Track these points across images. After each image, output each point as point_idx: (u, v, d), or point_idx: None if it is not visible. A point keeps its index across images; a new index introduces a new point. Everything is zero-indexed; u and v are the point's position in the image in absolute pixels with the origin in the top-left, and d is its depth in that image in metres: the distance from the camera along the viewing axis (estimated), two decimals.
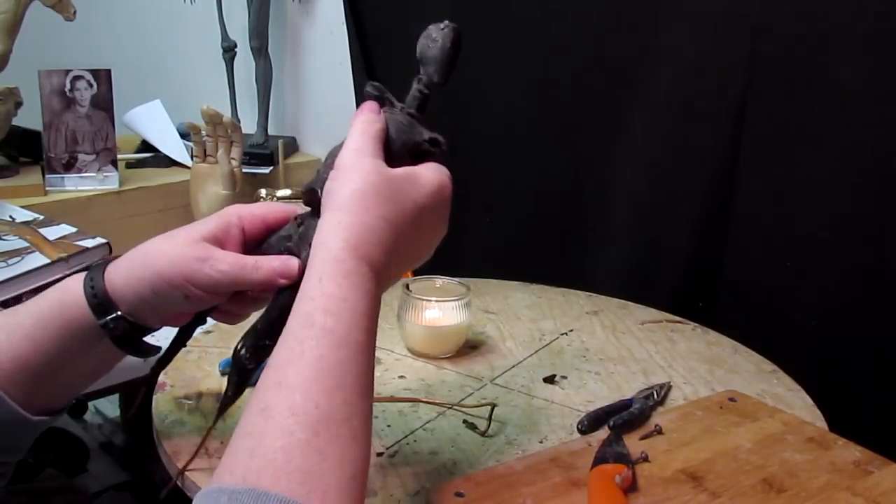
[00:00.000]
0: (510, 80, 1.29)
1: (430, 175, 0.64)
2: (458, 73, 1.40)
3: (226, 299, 0.67)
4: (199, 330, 0.93)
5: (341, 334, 0.53)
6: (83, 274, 0.66)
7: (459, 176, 1.38)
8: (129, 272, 0.65)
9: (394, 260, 0.60)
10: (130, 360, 0.99)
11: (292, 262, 0.63)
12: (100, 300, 0.64)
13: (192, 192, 1.38)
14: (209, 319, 0.70)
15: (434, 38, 0.70)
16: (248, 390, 0.59)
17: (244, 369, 0.63)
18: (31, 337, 0.64)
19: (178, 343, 0.71)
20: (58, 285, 0.67)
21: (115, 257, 0.68)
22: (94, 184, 1.39)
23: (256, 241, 0.67)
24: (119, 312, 0.64)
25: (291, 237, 0.66)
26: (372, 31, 1.50)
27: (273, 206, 0.70)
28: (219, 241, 0.65)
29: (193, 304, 0.65)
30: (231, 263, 0.63)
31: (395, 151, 0.67)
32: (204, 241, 0.64)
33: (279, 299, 0.64)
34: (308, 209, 0.66)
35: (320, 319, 0.53)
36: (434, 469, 0.70)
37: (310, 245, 0.60)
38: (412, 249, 0.63)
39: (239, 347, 0.63)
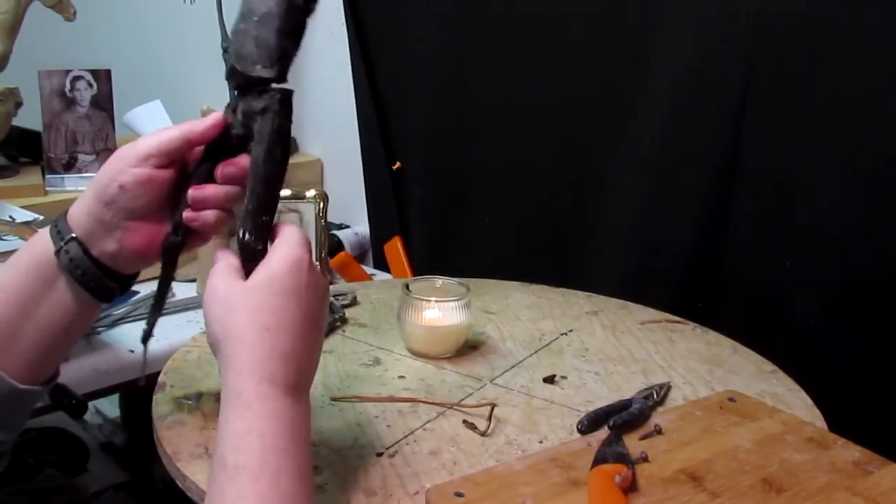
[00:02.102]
0: (510, 80, 1.30)
1: (280, 262, 0.61)
2: (457, 72, 1.40)
3: (165, 193, 0.66)
4: (199, 329, 0.93)
5: (255, 467, 0.54)
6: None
7: (459, 176, 1.38)
8: (82, 196, 0.66)
9: (298, 354, 0.59)
10: (130, 359, 1.00)
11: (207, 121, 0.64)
12: (59, 229, 0.65)
13: None
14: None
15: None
16: None
17: (254, 251, 0.62)
18: (1, 282, 0.66)
19: (164, 283, 0.71)
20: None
21: None
22: None
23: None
24: (72, 235, 0.65)
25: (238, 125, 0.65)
26: (372, 31, 1.50)
27: (204, 121, 0.67)
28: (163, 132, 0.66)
29: (136, 189, 0.64)
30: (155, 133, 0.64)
31: (287, 3, 0.64)
32: (147, 155, 0.64)
33: (256, 172, 0.64)
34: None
35: (231, 459, 0.54)
36: (434, 469, 0.70)
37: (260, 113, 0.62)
38: (310, 331, 0.61)
39: (242, 235, 0.62)
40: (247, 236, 0.62)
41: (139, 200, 0.65)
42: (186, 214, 0.66)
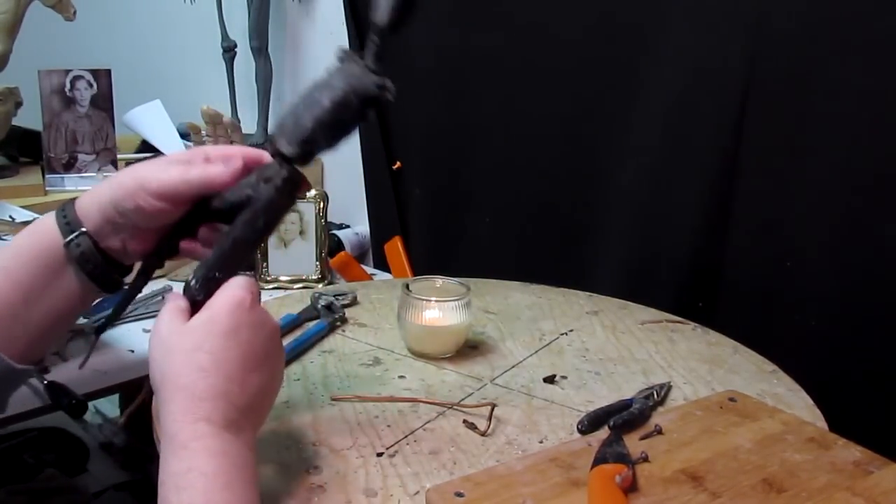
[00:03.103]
0: (510, 80, 1.29)
1: (221, 303, 0.61)
2: (457, 72, 1.40)
3: (177, 216, 0.68)
4: None
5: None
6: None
7: (459, 176, 1.38)
8: (96, 191, 0.68)
9: (236, 394, 0.59)
10: (130, 360, 1.00)
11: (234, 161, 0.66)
12: (68, 220, 0.67)
13: None
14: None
15: None
16: None
17: (194, 301, 0.63)
18: (6, 269, 0.67)
19: (132, 291, 0.72)
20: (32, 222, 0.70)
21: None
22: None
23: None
24: (84, 229, 0.67)
25: (251, 184, 0.67)
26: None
27: (240, 148, 0.70)
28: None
29: (148, 216, 0.67)
30: (181, 163, 0.66)
31: (340, 102, 0.66)
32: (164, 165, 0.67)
33: (232, 231, 0.65)
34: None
35: (174, 499, 0.55)
36: (434, 469, 0.70)
37: (265, 181, 0.65)
38: (252, 370, 0.61)
39: (189, 279, 0.64)
40: (193, 283, 0.63)
41: (150, 222, 0.68)
42: (183, 245, 0.69)
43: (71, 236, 0.67)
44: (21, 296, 0.67)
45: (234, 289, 0.62)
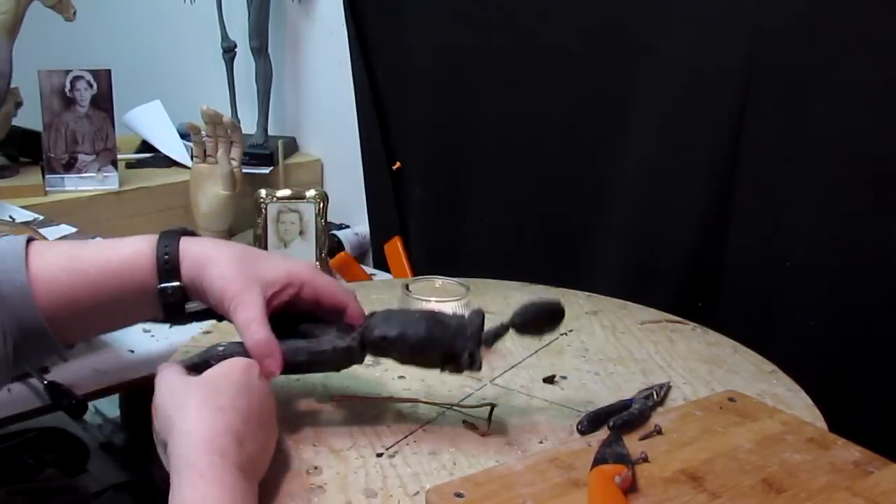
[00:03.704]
0: (510, 80, 1.29)
1: (235, 363, 0.68)
2: (457, 72, 1.40)
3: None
4: (198, 330, 0.93)
5: None
6: (153, 237, 0.72)
7: (459, 176, 1.38)
8: (194, 262, 0.71)
9: (248, 439, 0.63)
10: (130, 360, 1.00)
11: (268, 364, 0.70)
12: (169, 265, 0.71)
13: (192, 192, 1.38)
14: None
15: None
16: None
17: (196, 367, 0.71)
18: (94, 285, 0.70)
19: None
20: (127, 240, 0.73)
21: (185, 231, 0.73)
22: (94, 184, 1.39)
23: (294, 307, 0.74)
24: (180, 283, 0.71)
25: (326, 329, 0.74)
26: (372, 31, 1.50)
27: (333, 291, 0.75)
28: (272, 293, 0.71)
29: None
30: (248, 318, 0.69)
31: (431, 339, 0.72)
32: (257, 287, 0.70)
33: (286, 344, 0.71)
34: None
35: None
36: (434, 469, 0.70)
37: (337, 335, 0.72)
38: (261, 425, 0.66)
39: (218, 348, 0.71)
40: (221, 350, 0.71)
41: None
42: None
43: (167, 285, 0.71)
44: (95, 311, 0.72)
45: (244, 358, 0.68)
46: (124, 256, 0.71)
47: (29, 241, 0.71)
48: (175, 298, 0.71)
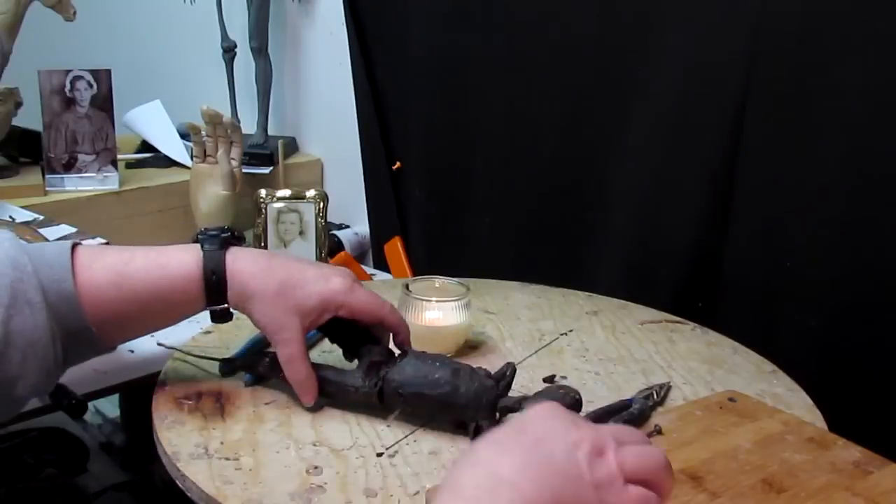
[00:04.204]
0: (510, 80, 1.29)
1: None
2: (457, 72, 1.40)
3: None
4: (198, 330, 0.93)
5: None
6: (199, 254, 0.75)
7: (459, 176, 1.38)
8: (238, 292, 0.76)
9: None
10: (130, 360, 1.00)
11: (305, 395, 0.78)
12: (217, 292, 0.75)
13: (192, 192, 1.38)
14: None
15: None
16: None
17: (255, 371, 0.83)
18: (142, 302, 0.74)
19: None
20: (173, 257, 0.76)
21: (230, 238, 0.77)
22: (94, 184, 1.39)
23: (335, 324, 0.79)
24: (226, 304, 0.77)
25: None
26: (372, 31, 1.50)
27: (375, 307, 0.79)
28: (310, 320, 0.77)
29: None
30: (287, 352, 0.76)
31: (449, 399, 0.75)
32: (297, 317, 0.76)
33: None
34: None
35: None
36: (434, 469, 0.70)
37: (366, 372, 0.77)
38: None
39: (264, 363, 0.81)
40: (267, 363, 0.81)
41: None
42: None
43: (215, 308, 0.77)
44: (140, 324, 0.77)
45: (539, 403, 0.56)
46: (174, 279, 0.75)
47: (74, 245, 0.73)
48: (221, 313, 0.78)
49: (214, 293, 0.75)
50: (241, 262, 0.75)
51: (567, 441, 0.50)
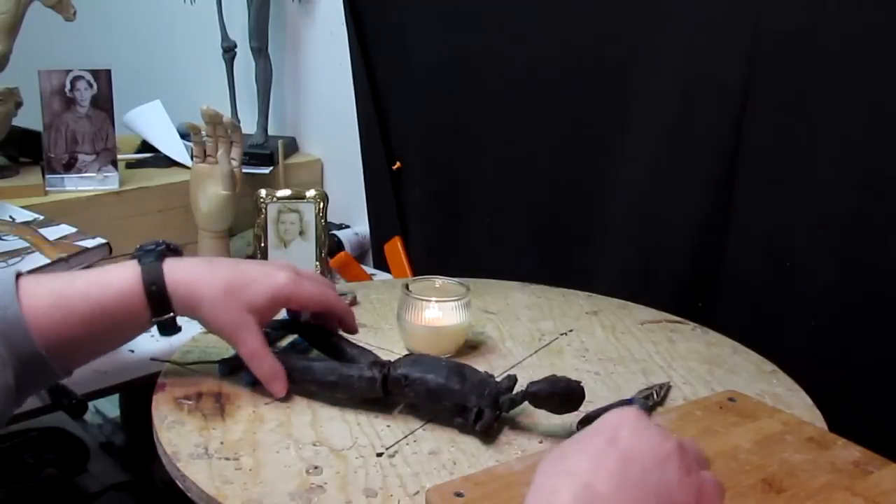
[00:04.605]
0: (510, 80, 1.29)
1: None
2: (457, 72, 1.40)
3: None
4: (199, 329, 0.93)
5: None
6: (137, 268, 0.75)
7: (460, 176, 1.38)
8: (185, 300, 0.77)
9: None
10: (130, 360, 1.00)
11: (275, 386, 0.79)
12: (160, 303, 0.75)
13: (192, 192, 1.38)
14: None
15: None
16: None
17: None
18: (85, 322, 0.73)
19: None
20: (112, 275, 0.76)
21: (166, 250, 0.78)
22: (94, 184, 1.39)
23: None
24: (172, 314, 0.77)
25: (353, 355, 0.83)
26: (372, 31, 1.50)
27: (322, 295, 0.81)
28: (262, 316, 0.78)
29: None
30: (249, 349, 0.78)
31: (446, 389, 0.76)
32: (249, 314, 0.77)
33: (313, 359, 0.84)
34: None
35: None
36: (434, 469, 0.70)
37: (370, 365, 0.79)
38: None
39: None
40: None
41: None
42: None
43: (161, 319, 0.77)
44: (91, 342, 0.76)
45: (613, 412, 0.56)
46: (115, 296, 0.75)
47: (18, 275, 0.74)
48: (168, 323, 0.77)
49: (157, 304, 0.75)
50: (181, 271, 0.76)
51: (658, 457, 0.51)
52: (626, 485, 0.49)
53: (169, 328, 0.78)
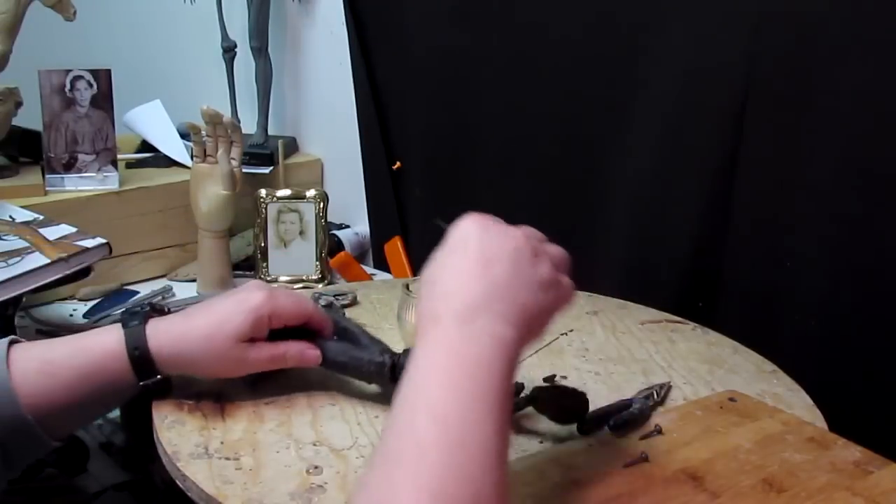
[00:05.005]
0: (510, 80, 1.29)
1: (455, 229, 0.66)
2: (457, 72, 1.40)
3: None
4: None
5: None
6: (120, 333, 0.74)
7: (460, 176, 1.37)
8: (171, 361, 0.75)
9: (459, 291, 0.58)
10: None
11: (310, 353, 0.78)
12: (144, 367, 0.74)
13: (192, 192, 1.38)
14: None
15: None
16: None
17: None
18: (70, 388, 0.73)
19: None
20: (95, 340, 0.75)
21: (150, 312, 0.76)
22: (94, 184, 1.39)
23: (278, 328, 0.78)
24: (160, 376, 0.75)
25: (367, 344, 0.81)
26: (372, 31, 1.50)
27: (300, 306, 0.79)
28: (251, 339, 0.76)
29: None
30: (264, 360, 0.77)
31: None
32: (239, 344, 0.75)
33: (328, 341, 0.81)
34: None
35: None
36: None
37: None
38: (479, 271, 0.60)
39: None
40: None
41: None
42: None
43: (149, 381, 0.75)
44: (78, 408, 0.75)
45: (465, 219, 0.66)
46: (98, 361, 0.74)
47: (11, 342, 0.73)
48: (156, 385, 0.76)
49: (141, 368, 0.74)
50: (161, 332, 0.75)
51: (509, 252, 0.60)
52: (496, 287, 0.57)
53: (158, 389, 0.77)
